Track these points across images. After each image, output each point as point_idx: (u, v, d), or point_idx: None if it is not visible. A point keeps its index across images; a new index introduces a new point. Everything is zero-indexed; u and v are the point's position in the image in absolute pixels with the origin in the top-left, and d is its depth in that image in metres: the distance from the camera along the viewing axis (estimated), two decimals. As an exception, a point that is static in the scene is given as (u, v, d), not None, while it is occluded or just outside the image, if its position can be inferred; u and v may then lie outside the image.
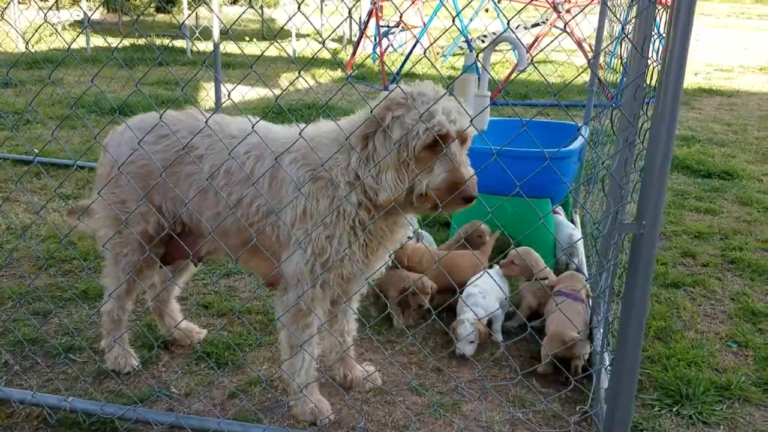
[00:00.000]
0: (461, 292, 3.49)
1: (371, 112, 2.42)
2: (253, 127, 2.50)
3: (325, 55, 14.09)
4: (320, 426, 2.79)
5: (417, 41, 11.84)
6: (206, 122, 2.62)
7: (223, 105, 7.01)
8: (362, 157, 2.44)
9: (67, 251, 4.37)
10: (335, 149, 2.52)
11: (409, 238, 2.89)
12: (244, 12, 2.98)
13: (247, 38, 17.22)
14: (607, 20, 5.45)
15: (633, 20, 3.47)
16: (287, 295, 2.71)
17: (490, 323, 3.48)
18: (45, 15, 2.86)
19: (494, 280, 3.64)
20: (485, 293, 3.49)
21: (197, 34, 10.60)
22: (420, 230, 4.47)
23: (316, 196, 2.56)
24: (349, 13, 16.02)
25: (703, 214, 5.62)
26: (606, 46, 5.54)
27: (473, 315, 3.32)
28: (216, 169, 2.72)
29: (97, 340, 3.33)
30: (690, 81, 12.98)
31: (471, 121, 2.29)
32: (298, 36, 16.21)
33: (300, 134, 2.47)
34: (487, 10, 16.29)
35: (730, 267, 4.54)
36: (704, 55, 16.31)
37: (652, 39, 2.73)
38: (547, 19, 12.78)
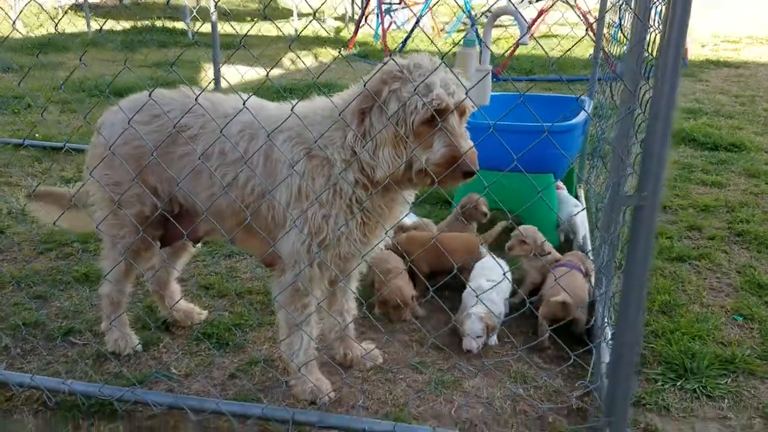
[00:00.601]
0: (464, 278, 3.43)
1: (365, 86, 2.37)
2: (244, 104, 2.45)
3: (327, 33, 13.97)
4: (320, 405, 2.78)
5: (418, 19, 11.68)
6: (196, 100, 2.58)
7: (224, 86, 6.95)
8: (358, 133, 2.39)
9: (67, 235, 4.35)
10: (330, 126, 2.47)
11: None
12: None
13: (248, 18, 17.08)
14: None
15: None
16: (284, 275, 2.68)
17: None
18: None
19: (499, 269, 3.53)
20: (498, 289, 3.31)
21: (194, 14, 10.49)
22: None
23: (311, 175, 2.52)
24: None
25: (709, 187, 5.55)
26: (609, 10, 5.42)
27: (483, 309, 3.13)
28: (208, 148, 2.67)
29: (97, 323, 3.31)
30: (697, 53, 12.80)
31: (467, 92, 2.24)
32: (300, 15, 16.07)
33: (292, 111, 2.42)
34: (490, -15, 16.05)
35: (737, 240, 4.48)
36: (711, 26, 16.06)
37: (654, 5, 2.66)
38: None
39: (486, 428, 2.65)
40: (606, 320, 2.88)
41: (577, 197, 4.98)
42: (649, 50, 2.48)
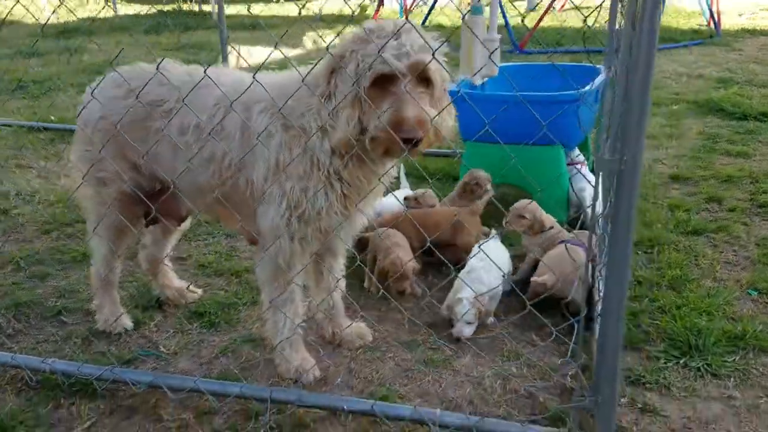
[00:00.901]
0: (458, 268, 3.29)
1: (329, 49, 2.27)
2: (205, 72, 2.36)
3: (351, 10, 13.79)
4: (305, 383, 2.70)
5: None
6: (157, 68, 2.50)
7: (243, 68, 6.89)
8: (323, 96, 2.29)
9: (71, 215, 4.35)
10: (306, 94, 2.37)
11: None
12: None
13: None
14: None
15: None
16: (266, 250, 2.60)
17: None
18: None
19: (499, 251, 3.38)
20: (489, 268, 3.10)
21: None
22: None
23: (288, 146, 2.42)
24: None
25: (734, 158, 5.30)
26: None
27: (472, 293, 2.98)
28: (169, 116, 2.60)
29: (91, 302, 3.28)
30: (733, 22, 12.34)
31: (434, 54, 2.11)
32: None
33: (254, 77, 2.33)
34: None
35: (759, 211, 4.26)
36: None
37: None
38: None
39: (472, 407, 2.55)
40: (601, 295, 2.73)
41: (592, 172, 4.80)
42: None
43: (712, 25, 11.47)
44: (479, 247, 3.28)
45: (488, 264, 3.04)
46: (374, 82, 2.16)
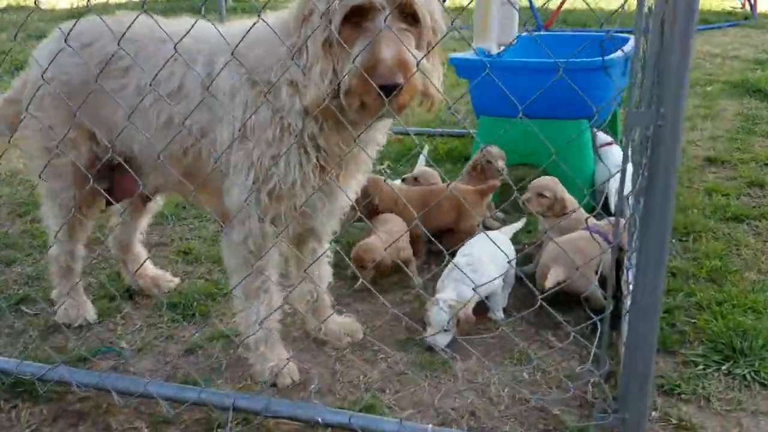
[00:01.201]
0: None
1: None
2: (143, 15, 1.98)
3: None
4: (280, 387, 2.33)
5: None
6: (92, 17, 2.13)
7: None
8: (293, 47, 1.90)
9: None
10: (277, 43, 1.97)
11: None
12: None
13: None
14: None
15: None
16: (233, 232, 2.23)
17: (488, 297, 2.75)
18: None
19: (495, 243, 2.94)
20: (477, 265, 2.63)
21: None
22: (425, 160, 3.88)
23: (255, 106, 2.04)
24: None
25: (776, 140, 4.83)
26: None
27: (453, 296, 2.55)
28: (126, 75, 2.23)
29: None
30: (771, 3, 11.74)
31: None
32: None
33: (212, 26, 1.94)
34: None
35: (807, 197, 3.81)
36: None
37: None
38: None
39: (473, 420, 2.15)
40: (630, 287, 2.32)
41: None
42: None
43: (747, 6, 10.92)
44: (471, 240, 2.84)
45: (479, 261, 2.61)
46: (347, 18, 1.76)
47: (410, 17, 1.82)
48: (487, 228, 3.48)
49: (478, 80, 3.84)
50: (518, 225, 3.18)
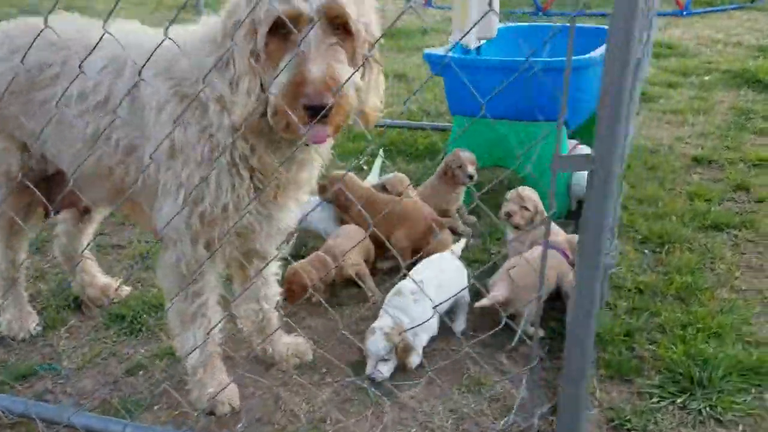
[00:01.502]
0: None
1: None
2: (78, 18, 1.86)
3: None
4: (218, 415, 2.24)
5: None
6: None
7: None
8: (220, 62, 1.77)
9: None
10: (207, 53, 1.85)
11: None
12: None
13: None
14: None
15: None
16: (165, 254, 2.12)
17: (452, 310, 2.64)
18: None
19: (449, 262, 2.74)
20: (421, 296, 2.44)
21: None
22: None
23: (182, 122, 1.91)
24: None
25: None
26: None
27: (389, 323, 2.38)
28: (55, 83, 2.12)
29: None
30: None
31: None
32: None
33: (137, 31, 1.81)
34: None
35: (793, 203, 3.66)
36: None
37: None
38: None
39: (411, 458, 2.06)
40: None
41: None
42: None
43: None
44: (425, 263, 2.70)
45: (424, 287, 2.43)
46: (275, 29, 1.64)
47: (342, 29, 1.70)
48: (456, 233, 3.37)
49: (449, 79, 3.72)
50: (462, 244, 3.02)
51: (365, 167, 4.46)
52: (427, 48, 3.74)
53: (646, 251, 3.17)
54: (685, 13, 9.70)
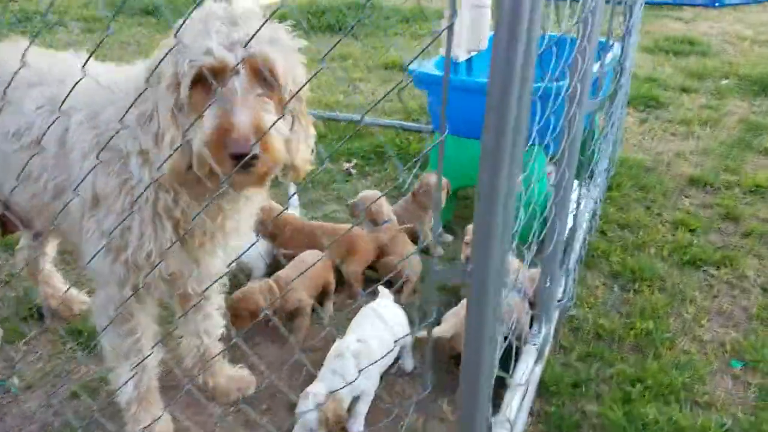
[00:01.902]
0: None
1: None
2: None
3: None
4: (152, 451, 2.26)
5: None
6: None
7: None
8: (143, 116, 1.74)
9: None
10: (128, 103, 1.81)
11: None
12: None
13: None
14: None
15: None
16: (97, 295, 2.13)
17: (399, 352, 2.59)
18: None
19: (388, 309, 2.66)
20: (360, 354, 2.35)
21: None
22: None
23: (105, 172, 1.90)
24: None
25: (771, 159, 4.51)
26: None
27: (323, 390, 2.24)
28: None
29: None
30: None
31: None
32: None
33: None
34: None
35: (780, 240, 3.54)
36: None
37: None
38: None
39: None
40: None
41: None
42: None
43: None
44: (361, 318, 2.61)
45: (367, 347, 2.38)
46: (198, 81, 1.61)
47: (268, 80, 1.65)
48: (426, 253, 3.34)
49: (432, 96, 3.65)
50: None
51: (353, 171, 4.42)
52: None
53: (615, 287, 3.10)
54: (717, 4, 9.35)
